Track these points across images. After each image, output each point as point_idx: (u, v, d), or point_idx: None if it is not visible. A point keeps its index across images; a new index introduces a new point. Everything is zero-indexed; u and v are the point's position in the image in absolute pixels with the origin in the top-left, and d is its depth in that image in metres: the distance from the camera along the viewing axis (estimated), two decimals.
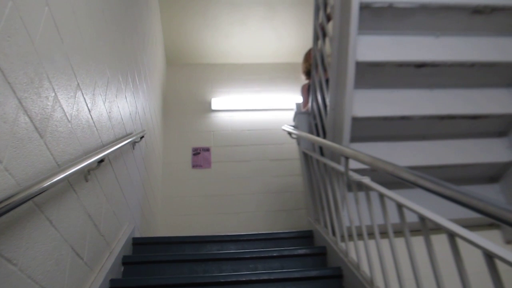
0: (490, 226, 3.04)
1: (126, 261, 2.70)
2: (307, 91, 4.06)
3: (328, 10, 3.09)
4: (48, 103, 1.54)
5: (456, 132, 3.05)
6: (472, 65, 2.84)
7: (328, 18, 3.14)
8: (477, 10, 2.78)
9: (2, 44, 1.20)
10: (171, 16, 5.59)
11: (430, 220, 1.57)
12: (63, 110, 1.70)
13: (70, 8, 1.83)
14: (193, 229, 5.00)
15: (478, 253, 1.27)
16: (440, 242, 1.61)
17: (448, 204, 1.29)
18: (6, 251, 1.22)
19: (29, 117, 1.37)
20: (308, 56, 4.36)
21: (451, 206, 1.29)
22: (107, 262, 2.38)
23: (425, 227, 1.62)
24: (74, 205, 1.86)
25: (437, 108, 2.90)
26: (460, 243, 1.40)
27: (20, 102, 1.31)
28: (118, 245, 2.66)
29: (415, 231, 1.76)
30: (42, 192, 1.32)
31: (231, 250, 3.15)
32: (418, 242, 1.71)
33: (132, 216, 3.22)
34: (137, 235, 3.35)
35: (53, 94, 1.59)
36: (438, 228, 1.51)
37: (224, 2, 5.47)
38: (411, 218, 1.76)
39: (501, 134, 3.09)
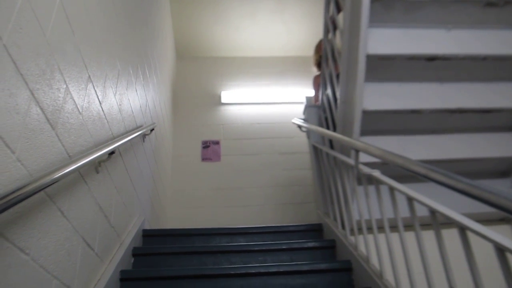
0: (501, 221, 3.02)
1: (136, 253, 2.72)
2: (318, 83, 4.04)
3: (339, 2, 3.07)
4: (60, 95, 1.55)
5: (467, 126, 3.02)
6: (484, 59, 2.81)
7: (339, 10, 3.12)
8: (490, 3, 2.75)
9: (14, 35, 1.21)
10: (181, 9, 5.59)
11: (441, 214, 1.56)
12: (74, 102, 1.71)
13: (82, 0, 1.84)
14: (203, 221, 5.02)
15: (489, 247, 1.26)
16: (450, 236, 1.60)
17: (459, 198, 1.28)
18: (18, 241, 1.23)
19: (41, 109, 1.38)
20: (319, 48, 4.34)
21: (462, 200, 1.29)
22: (118, 254, 2.39)
23: (436, 221, 1.62)
24: (85, 196, 1.88)
25: (447, 102, 2.87)
26: (471, 237, 1.39)
27: (32, 94, 1.32)
28: (128, 237, 2.68)
29: (425, 225, 1.75)
30: (54, 183, 1.33)
31: (241, 242, 3.16)
32: (428, 236, 1.70)
33: (142, 208, 3.23)
34: (147, 227, 3.37)
35: (65, 86, 1.60)
36: (449, 222, 1.50)
37: None
38: (421, 211, 1.75)
39: None
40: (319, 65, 4.27)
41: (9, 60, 1.18)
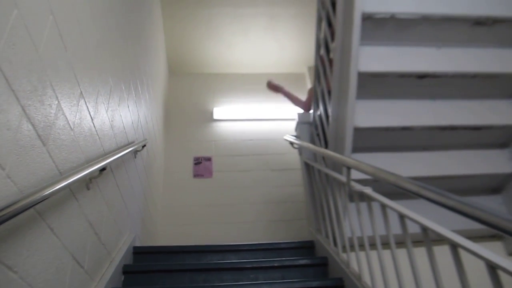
0: (492, 237, 3.03)
1: (127, 270, 2.69)
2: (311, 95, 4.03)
3: (331, 20, 3.10)
4: (51, 111, 1.55)
5: (458, 143, 3.04)
6: (474, 76, 2.85)
7: (331, 28, 3.16)
8: (479, 22, 2.79)
9: (6, 51, 1.21)
10: (174, 25, 5.63)
11: (432, 231, 1.57)
12: (66, 118, 1.71)
13: (75, 17, 1.85)
14: (194, 238, 4.98)
15: (481, 264, 1.26)
16: (442, 253, 1.60)
17: (450, 215, 1.28)
18: (7, 259, 1.22)
19: (32, 125, 1.37)
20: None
21: (453, 217, 1.29)
22: (108, 271, 2.37)
23: (428, 238, 1.62)
24: (76, 213, 1.86)
25: (438, 119, 2.90)
26: (463, 254, 1.39)
27: (24, 110, 1.31)
28: (118, 254, 2.65)
29: (417, 242, 1.75)
30: (44, 200, 1.32)
31: (232, 260, 3.14)
32: (420, 253, 1.70)
33: (133, 224, 3.21)
34: (138, 244, 3.34)
35: (56, 102, 1.60)
36: (441, 239, 1.50)
37: (226, 13, 5.51)
38: (413, 228, 1.75)
39: (503, 145, 3.08)
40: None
41: (1, 76, 1.18)
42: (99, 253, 2.26)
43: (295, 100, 4.52)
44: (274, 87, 4.70)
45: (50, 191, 1.37)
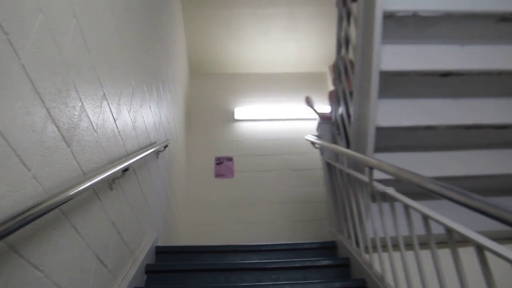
0: None
1: (149, 270, 2.71)
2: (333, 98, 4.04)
3: (352, 18, 3.08)
4: (75, 113, 1.57)
5: (483, 142, 2.98)
6: (499, 74, 2.79)
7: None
8: (504, 18, 2.73)
9: (32, 55, 1.23)
10: (195, 27, 5.66)
11: (457, 232, 1.54)
12: (90, 120, 1.73)
13: (97, 20, 1.87)
14: (216, 238, 5.00)
15: (508, 267, 1.24)
16: (467, 254, 1.57)
17: (475, 216, 1.26)
18: (33, 258, 1.24)
19: (57, 126, 1.40)
20: (334, 67, 4.36)
21: (480, 218, 1.26)
22: (131, 271, 2.39)
23: (452, 239, 1.59)
24: (99, 213, 1.88)
25: (463, 117, 2.85)
26: (489, 256, 1.37)
27: (49, 112, 1.33)
28: (141, 254, 2.68)
29: (441, 243, 1.73)
30: (68, 200, 1.34)
31: (254, 260, 3.14)
32: (444, 254, 1.68)
33: (155, 224, 3.24)
34: (160, 243, 3.37)
35: (80, 104, 1.62)
36: (466, 241, 1.47)
37: (247, 14, 5.52)
38: (437, 229, 1.72)
39: None
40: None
41: (26, 79, 1.20)
42: (122, 252, 2.28)
43: (324, 117, 4.53)
44: (310, 105, 4.79)
45: (75, 191, 1.39)
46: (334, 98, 3.62)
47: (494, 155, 2.96)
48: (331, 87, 4.58)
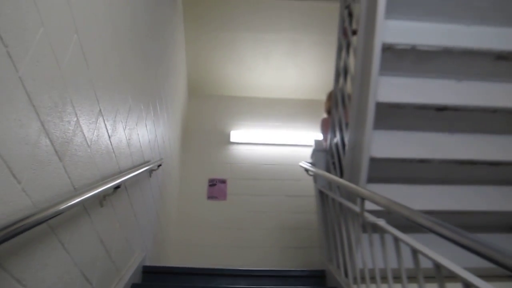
0: (508, 277, 2.94)
1: None
2: (327, 127, 4.04)
3: (351, 49, 3.12)
4: (70, 127, 1.57)
5: (477, 178, 2.99)
6: (494, 111, 2.82)
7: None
8: (501, 56, 2.77)
9: (30, 68, 1.23)
10: (196, 48, 5.71)
11: (445, 268, 1.53)
12: (84, 135, 1.73)
13: (98, 36, 1.89)
14: (205, 260, 4.95)
15: None
16: None
17: (464, 251, 1.26)
18: (16, 272, 1.22)
19: (50, 140, 1.39)
20: (330, 96, 4.38)
21: (468, 254, 1.26)
22: None
23: (440, 275, 1.58)
24: (88, 229, 1.87)
25: (457, 152, 2.86)
26: None
27: (43, 125, 1.33)
28: (128, 272, 2.65)
29: (429, 278, 1.72)
30: (57, 215, 1.33)
31: (242, 285, 3.10)
32: None
33: (144, 243, 3.21)
34: (148, 263, 3.33)
35: (75, 119, 1.62)
36: (454, 276, 1.47)
37: (249, 38, 5.58)
38: (426, 263, 1.72)
39: None
40: (329, 111, 4.29)
41: (23, 92, 1.20)
42: (108, 270, 2.26)
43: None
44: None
45: (64, 206, 1.38)
46: (330, 127, 3.63)
47: (487, 192, 2.97)
48: (324, 115, 4.61)
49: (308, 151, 4.24)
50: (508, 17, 2.83)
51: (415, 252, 1.77)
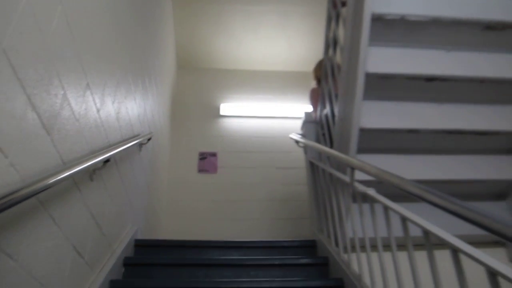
0: (496, 243, 3.00)
1: (127, 263, 2.69)
2: (316, 98, 4.02)
3: (340, 20, 3.09)
4: (57, 101, 1.55)
5: (464, 148, 3.02)
6: (482, 81, 2.83)
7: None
8: (490, 26, 2.77)
9: (14, 40, 1.21)
10: (184, 20, 5.63)
11: (434, 235, 1.56)
12: (72, 109, 1.71)
13: (84, 8, 1.85)
14: (197, 233, 4.99)
15: (482, 270, 1.25)
16: (443, 257, 1.59)
17: (453, 219, 1.27)
18: (7, 247, 1.22)
19: (37, 114, 1.38)
20: (319, 65, 4.34)
21: (457, 222, 1.28)
22: (108, 263, 2.37)
23: (429, 242, 1.61)
24: (78, 204, 1.87)
25: (445, 122, 2.88)
26: (464, 259, 1.38)
27: (29, 99, 1.32)
28: (120, 246, 2.66)
29: (418, 245, 1.74)
30: (47, 189, 1.32)
31: (233, 256, 3.14)
32: (421, 256, 1.69)
33: (135, 217, 3.22)
34: (140, 237, 3.34)
35: (62, 92, 1.60)
36: (442, 244, 1.49)
37: (238, 10, 5.50)
38: (415, 232, 1.74)
39: (509, 151, 3.05)
40: (318, 80, 4.27)
41: (7, 64, 1.18)
42: (100, 244, 2.26)
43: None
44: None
45: (53, 180, 1.37)
46: (320, 98, 3.62)
47: (474, 161, 3.00)
48: (313, 85, 4.59)
49: (299, 123, 4.24)
50: None
51: (404, 220, 1.79)
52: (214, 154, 5.85)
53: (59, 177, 1.41)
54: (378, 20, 2.67)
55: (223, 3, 5.40)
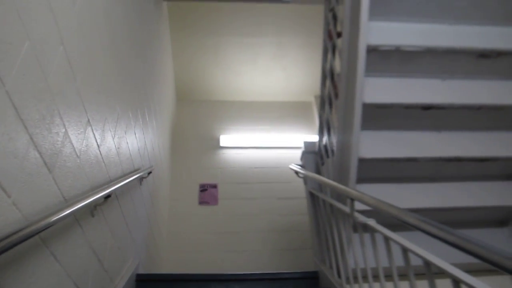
0: (498, 272, 2.98)
1: None
2: None
3: (336, 51, 3.14)
4: (58, 139, 1.57)
5: (464, 175, 3.03)
6: (479, 108, 2.86)
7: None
8: (483, 54, 2.82)
9: (17, 82, 1.24)
10: (183, 52, 5.72)
11: (435, 265, 1.56)
12: (73, 146, 1.73)
13: (84, 46, 1.89)
14: (198, 266, 4.96)
15: None
16: (445, 286, 1.59)
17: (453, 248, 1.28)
18: (10, 286, 1.22)
19: (39, 153, 1.40)
20: None
21: (456, 250, 1.28)
22: None
23: (430, 272, 1.60)
24: (79, 240, 1.87)
25: (444, 150, 2.90)
26: None
27: (31, 138, 1.34)
28: (121, 281, 2.64)
29: (420, 275, 1.74)
30: (49, 227, 1.33)
31: None
32: (422, 285, 1.69)
33: (136, 251, 3.20)
34: (141, 271, 3.32)
35: (64, 130, 1.63)
36: (443, 273, 1.49)
37: (234, 42, 5.60)
38: (416, 261, 1.74)
39: (509, 177, 3.06)
40: None
41: (10, 105, 1.21)
42: (101, 280, 2.25)
43: None
44: None
45: (55, 218, 1.38)
46: (318, 127, 3.65)
47: (473, 188, 3.01)
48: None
49: (298, 153, 4.26)
50: (489, 16, 2.87)
51: (405, 250, 1.79)
52: (214, 186, 5.85)
53: (61, 215, 1.42)
54: (373, 51, 2.72)
55: (220, 35, 5.49)
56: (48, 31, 1.49)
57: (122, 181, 2.38)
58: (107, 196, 2.11)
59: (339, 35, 3.05)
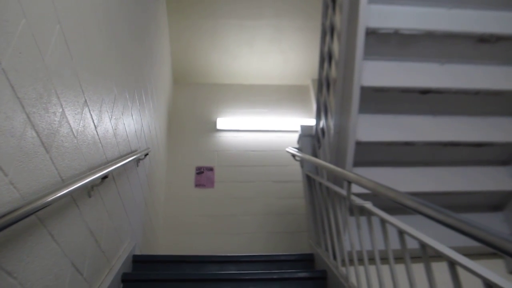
0: (494, 255, 3.00)
1: (126, 279, 2.68)
2: None
3: (335, 34, 3.12)
4: (56, 119, 1.56)
5: (460, 159, 3.04)
6: (476, 93, 2.86)
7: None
8: (483, 39, 2.81)
9: (13, 60, 1.23)
10: (179, 35, 5.67)
11: (431, 248, 1.57)
12: (70, 126, 1.72)
13: (81, 26, 1.87)
14: (194, 248, 4.98)
15: (479, 283, 1.26)
16: (440, 269, 1.60)
17: (450, 231, 1.29)
18: (7, 264, 1.22)
19: (36, 132, 1.39)
20: None
21: (454, 233, 1.29)
22: (107, 279, 2.37)
23: (426, 254, 1.62)
24: (76, 220, 1.87)
25: (440, 134, 2.90)
26: (461, 271, 1.39)
27: (28, 117, 1.33)
28: (118, 262, 2.65)
29: (416, 258, 1.75)
30: (46, 207, 1.33)
31: (231, 271, 3.13)
32: (418, 268, 1.70)
33: (133, 233, 3.21)
34: (138, 252, 3.34)
35: (61, 110, 1.62)
36: (439, 256, 1.50)
37: (232, 24, 5.55)
38: (412, 244, 1.75)
39: (505, 162, 3.08)
40: None
41: (7, 84, 1.19)
42: (98, 260, 2.26)
43: None
44: None
45: (52, 198, 1.38)
46: (316, 110, 3.65)
47: (469, 172, 3.02)
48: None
49: (295, 137, 4.26)
50: (488, 0, 2.85)
51: (401, 233, 1.80)
52: (211, 169, 5.85)
53: (58, 195, 1.42)
54: (372, 34, 2.71)
55: (217, 17, 5.44)
56: (45, 9, 1.47)
57: (119, 162, 2.37)
58: (104, 177, 2.11)
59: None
